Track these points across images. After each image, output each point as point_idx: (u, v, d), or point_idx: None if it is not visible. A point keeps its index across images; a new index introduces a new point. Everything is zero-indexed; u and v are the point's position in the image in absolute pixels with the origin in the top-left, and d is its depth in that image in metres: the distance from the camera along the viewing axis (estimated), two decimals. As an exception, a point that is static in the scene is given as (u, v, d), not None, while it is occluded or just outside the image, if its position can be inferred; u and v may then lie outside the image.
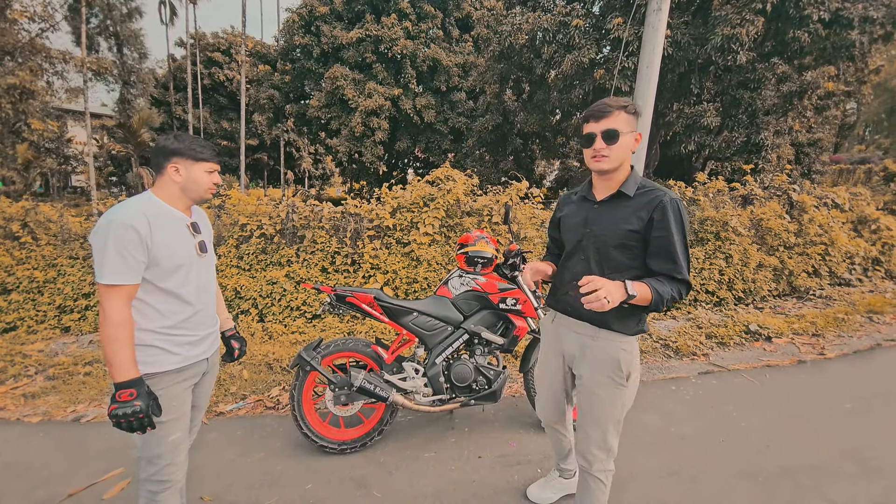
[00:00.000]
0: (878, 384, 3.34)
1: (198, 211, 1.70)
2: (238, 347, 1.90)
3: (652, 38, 3.68)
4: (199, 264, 1.57)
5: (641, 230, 1.45)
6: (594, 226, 1.53)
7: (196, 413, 1.73)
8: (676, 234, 1.42)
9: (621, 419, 1.62)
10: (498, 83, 12.94)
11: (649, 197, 1.46)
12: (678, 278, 1.44)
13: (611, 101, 1.43)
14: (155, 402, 1.40)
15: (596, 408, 1.58)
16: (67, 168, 21.83)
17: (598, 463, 1.63)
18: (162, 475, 1.52)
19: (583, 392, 1.62)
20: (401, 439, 2.62)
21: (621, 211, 1.49)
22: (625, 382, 1.55)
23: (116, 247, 1.34)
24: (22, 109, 13.82)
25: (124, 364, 1.35)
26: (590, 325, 1.56)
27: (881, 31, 9.29)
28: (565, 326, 1.67)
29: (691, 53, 8.57)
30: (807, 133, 13.03)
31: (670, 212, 1.42)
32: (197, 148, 1.52)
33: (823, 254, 5.77)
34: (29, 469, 2.38)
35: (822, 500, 2.12)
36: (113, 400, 1.34)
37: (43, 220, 4.84)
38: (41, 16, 14.02)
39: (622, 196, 1.50)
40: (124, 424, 1.34)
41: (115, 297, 1.36)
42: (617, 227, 1.48)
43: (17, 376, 3.47)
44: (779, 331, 4.24)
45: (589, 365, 1.58)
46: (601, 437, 1.61)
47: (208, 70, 26.49)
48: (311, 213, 4.64)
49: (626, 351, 1.54)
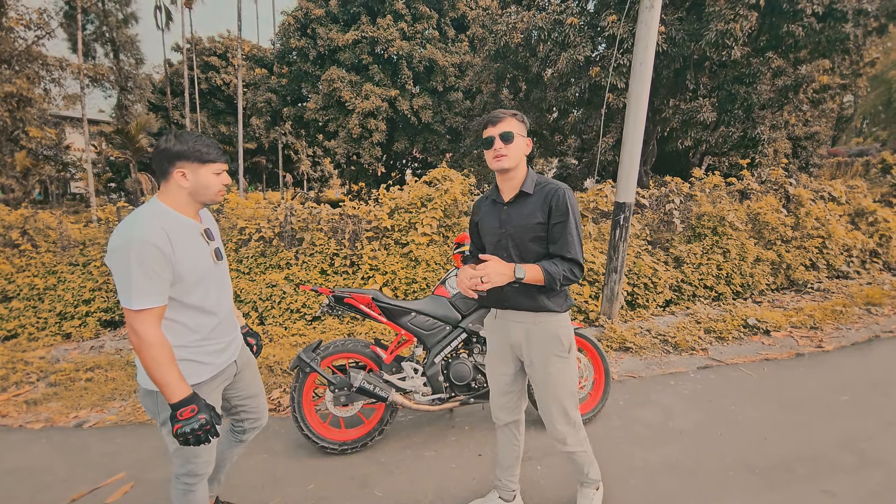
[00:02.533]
0: (876, 376, 3.35)
1: (206, 214, 1.65)
2: (255, 343, 1.92)
3: (645, 35, 3.69)
4: (216, 272, 1.55)
5: (546, 220, 1.63)
6: (508, 225, 1.69)
7: (253, 401, 1.83)
8: (570, 218, 1.60)
9: (575, 390, 1.78)
10: (494, 82, 12.95)
11: (546, 190, 1.64)
12: (568, 258, 1.60)
13: (503, 111, 1.65)
14: (214, 412, 1.41)
15: (551, 385, 1.73)
16: (66, 175, 21.85)
17: (570, 437, 1.78)
18: (198, 470, 1.58)
19: (536, 375, 1.76)
20: (401, 439, 2.64)
21: (527, 207, 1.66)
22: (566, 354, 1.72)
23: (142, 268, 1.28)
24: (20, 117, 13.85)
25: (176, 383, 1.33)
26: (529, 313, 1.71)
27: (875, 24, 9.32)
28: (507, 319, 1.78)
29: (686, 49, 8.58)
30: (803, 127, 13.03)
31: (563, 200, 1.60)
32: (202, 149, 1.43)
33: (821, 247, 5.79)
34: (32, 474, 2.39)
35: (820, 491, 2.13)
36: (176, 420, 1.33)
37: (42, 227, 4.86)
38: (37, 23, 14.03)
39: (525, 195, 1.67)
40: (192, 440, 1.33)
41: (148, 321, 1.31)
42: (527, 222, 1.65)
43: (19, 383, 3.49)
44: (777, 324, 4.26)
45: (535, 347, 1.72)
46: (562, 411, 1.75)
47: (205, 74, 26.48)
48: (309, 215, 4.66)
49: (564, 326, 1.72)
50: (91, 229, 5.13)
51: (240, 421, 1.86)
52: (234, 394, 1.76)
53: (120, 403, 3.18)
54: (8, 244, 4.76)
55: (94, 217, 11.11)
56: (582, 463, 1.88)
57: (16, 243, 4.74)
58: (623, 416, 2.86)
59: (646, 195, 5.46)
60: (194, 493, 1.61)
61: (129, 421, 2.95)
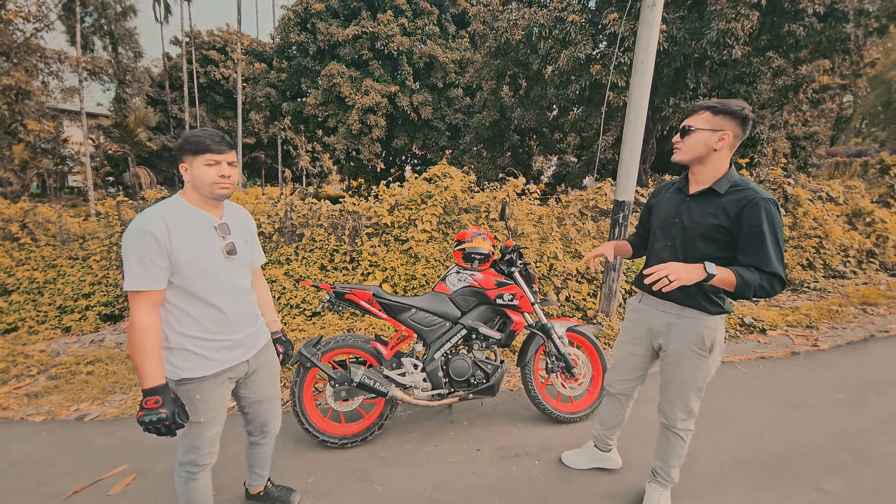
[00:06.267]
0: (870, 375, 3.39)
1: (235, 211, 1.64)
2: (282, 352, 1.88)
3: (646, 33, 3.69)
4: (228, 267, 1.53)
5: (728, 225, 1.57)
6: (684, 216, 1.68)
7: (270, 405, 1.82)
8: (765, 230, 1.51)
9: (703, 387, 1.78)
10: (495, 79, 12.92)
11: (741, 195, 1.56)
12: (767, 271, 1.51)
13: (700, 103, 1.61)
14: (181, 409, 1.42)
15: (680, 375, 1.77)
16: (64, 168, 21.74)
17: (680, 423, 1.84)
18: (200, 461, 1.62)
19: (667, 361, 1.81)
20: (401, 433, 2.66)
21: (711, 206, 1.61)
22: (707, 354, 1.71)
23: (137, 254, 1.35)
24: (18, 110, 13.77)
25: (150, 372, 1.37)
26: (675, 305, 1.74)
27: (876, 25, 9.29)
28: (652, 306, 1.84)
29: (687, 48, 8.57)
30: (803, 126, 13.06)
31: (759, 212, 1.51)
32: (192, 140, 1.43)
33: (818, 247, 5.82)
34: (34, 467, 2.41)
35: (814, 488, 2.16)
36: (140, 407, 1.37)
37: (42, 220, 4.86)
38: (36, 15, 13.93)
39: (714, 192, 1.62)
40: (152, 430, 1.37)
41: (140, 304, 1.37)
42: (705, 220, 1.61)
43: (19, 376, 3.50)
44: (773, 323, 4.29)
45: (674, 339, 1.76)
46: (684, 402, 1.80)
47: (204, 68, 26.35)
48: (309, 211, 4.67)
49: (710, 328, 1.70)
50: (90, 223, 5.13)
51: (247, 423, 1.87)
52: (244, 394, 1.75)
53: (121, 396, 3.20)
54: (7, 237, 4.76)
55: (93, 211, 11.06)
56: (675, 449, 1.88)
57: (15, 237, 4.74)
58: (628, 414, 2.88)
59: (645, 194, 5.48)
60: (195, 482, 1.64)
61: (131, 414, 2.97)
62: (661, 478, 1.97)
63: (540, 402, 2.71)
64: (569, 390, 2.74)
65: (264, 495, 2.05)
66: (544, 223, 4.80)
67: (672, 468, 1.93)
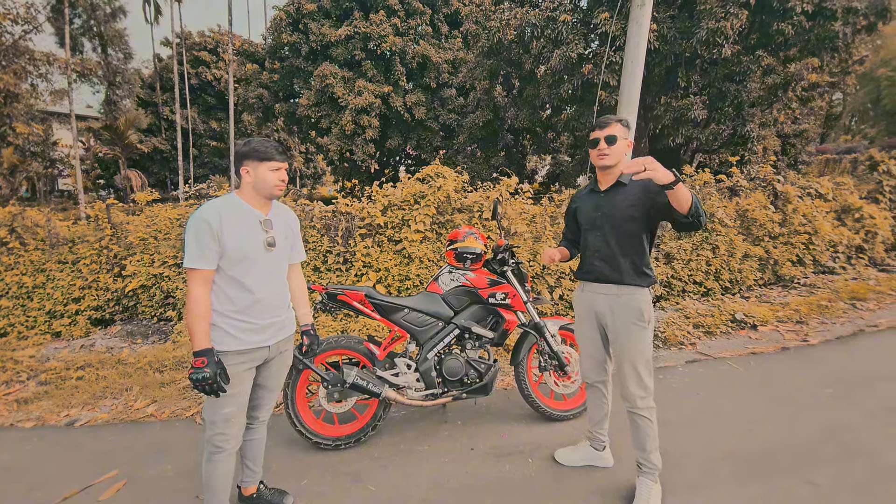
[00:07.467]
0: (859, 369, 3.43)
1: (281, 210, 1.87)
2: (308, 344, 2.07)
3: (636, 33, 3.72)
4: (266, 257, 1.75)
5: (639, 203, 1.89)
6: (604, 209, 1.99)
7: (267, 394, 1.95)
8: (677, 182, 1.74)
9: (650, 359, 1.98)
10: (488, 79, 12.94)
11: (638, 181, 1.84)
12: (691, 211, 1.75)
13: (610, 117, 1.95)
14: (223, 372, 1.63)
15: (627, 349, 1.96)
16: (54, 171, 21.55)
17: (640, 400, 1.97)
18: (216, 440, 1.74)
19: (615, 341, 2.01)
20: (394, 434, 2.66)
21: (622, 195, 1.95)
22: (646, 325, 1.95)
23: (195, 237, 1.62)
24: (6, 113, 13.62)
25: (198, 336, 1.61)
26: (613, 286, 1.98)
27: (864, 22, 9.41)
28: (593, 291, 2.06)
29: (677, 47, 8.63)
30: (792, 124, 13.17)
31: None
32: (260, 149, 1.69)
33: (807, 243, 5.88)
34: (24, 473, 2.39)
35: (804, 481, 2.19)
36: (191, 366, 1.59)
37: (30, 224, 4.80)
38: (24, 17, 13.78)
39: (620, 184, 1.96)
40: (199, 387, 1.58)
41: (194, 279, 1.63)
42: (622, 205, 1.93)
43: (9, 382, 3.47)
44: (764, 319, 4.33)
45: (617, 317, 1.97)
46: (636, 375, 1.96)
47: (195, 70, 26.19)
48: (301, 212, 4.65)
49: (645, 301, 1.95)
50: (80, 227, 5.08)
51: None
52: (255, 377, 1.85)
53: (112, 402, 3.17)
54: (-4, 242, 4.70)
55: (83, 214, 10.97)
56: (645, 432, 1.98)
57: (4, 241, 4.68)
58: (613, 408, 2.90)
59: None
60: (213, 463, 1.76)
61: (122, 419, 2.94)
62: (646, 467, 2.02)
63: (533, 400, 2.72)
64: (562, 388, 2.75)
65: (257, 497, 2.05)
66: (537, 222, 4.81)
67: (650, 453, 2.00)
